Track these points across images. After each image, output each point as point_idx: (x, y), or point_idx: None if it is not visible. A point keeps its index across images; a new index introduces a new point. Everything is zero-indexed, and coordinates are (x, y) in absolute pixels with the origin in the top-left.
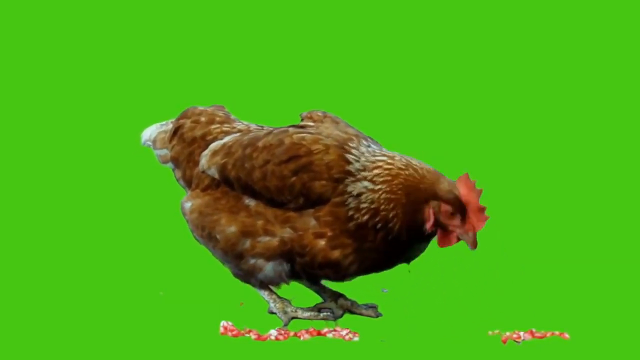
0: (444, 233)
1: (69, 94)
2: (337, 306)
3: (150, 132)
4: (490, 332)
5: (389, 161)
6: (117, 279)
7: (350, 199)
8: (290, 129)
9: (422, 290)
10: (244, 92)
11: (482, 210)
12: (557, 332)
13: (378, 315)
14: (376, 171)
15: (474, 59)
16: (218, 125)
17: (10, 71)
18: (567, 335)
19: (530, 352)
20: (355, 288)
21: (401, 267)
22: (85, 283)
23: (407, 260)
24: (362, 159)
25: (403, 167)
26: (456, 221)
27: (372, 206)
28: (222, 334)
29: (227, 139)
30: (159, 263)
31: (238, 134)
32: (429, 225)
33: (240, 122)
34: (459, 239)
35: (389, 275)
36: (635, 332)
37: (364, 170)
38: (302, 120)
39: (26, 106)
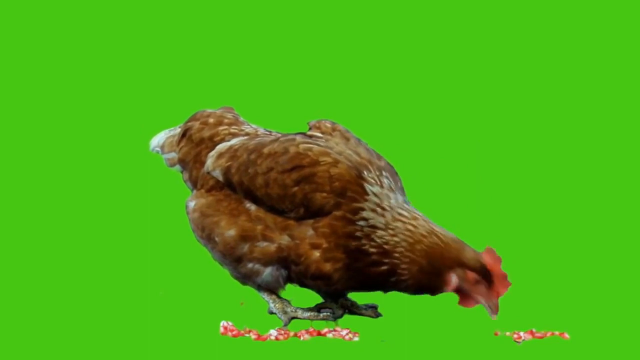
0: (464, 296)
1: (78, 103)
2: (337, 306)
3: (158, 139)
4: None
5: (414, 223)
6: (118, 279)
7: (362, 222)
8: (298, 138)
9: None
10: (253, 96)
11: (505, 277)
12: (557, 332)
13: (378, 315)
14: (398, 224)
15: (475, 63)
16: (226, 127)
17: (21, 80)
18: (567, 335)
19: (530, 352)
20: None
21: None
22: (88, 282)
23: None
24: (383, 196)
25: (426, 234)
26: (481, 288)
27: (385, 247)
28: (222, 334)
29: (234, 141)
30: (159, 264)
31: (246, 137)
32: (448, 290)
33: (249, 124)
34: (477, 303)
35: None
36: (635, 332)
37: (384, 209)
38: (309, 129)
39: (37, 115)
